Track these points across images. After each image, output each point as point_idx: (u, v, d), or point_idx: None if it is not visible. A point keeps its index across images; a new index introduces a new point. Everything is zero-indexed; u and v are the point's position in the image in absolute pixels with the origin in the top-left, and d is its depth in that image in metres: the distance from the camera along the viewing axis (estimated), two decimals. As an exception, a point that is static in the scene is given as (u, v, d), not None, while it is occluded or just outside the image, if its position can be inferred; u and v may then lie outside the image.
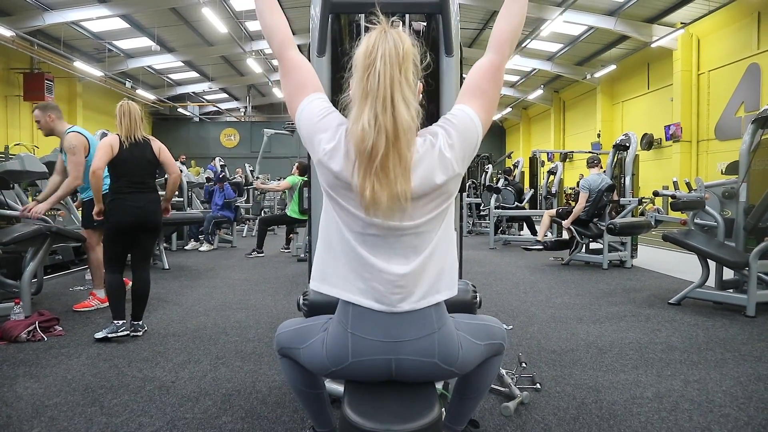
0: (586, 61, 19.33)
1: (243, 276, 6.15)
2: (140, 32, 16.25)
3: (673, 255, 7.86)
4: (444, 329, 1.38)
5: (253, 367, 2.99)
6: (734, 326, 3.91)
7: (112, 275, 3.51)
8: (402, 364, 1.36)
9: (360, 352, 1.36)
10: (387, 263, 1.32)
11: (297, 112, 1.34)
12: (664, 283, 5.74)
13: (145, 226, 3.58)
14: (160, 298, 4.80)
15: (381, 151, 1.20)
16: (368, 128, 1.20)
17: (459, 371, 1.45)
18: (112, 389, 2.63)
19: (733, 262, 4.26)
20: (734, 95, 13.96)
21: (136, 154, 3.55)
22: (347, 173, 1.25)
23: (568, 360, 3.15)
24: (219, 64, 21.24)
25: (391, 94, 1.20)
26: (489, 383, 1.62)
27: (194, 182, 9.88)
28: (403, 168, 1.22)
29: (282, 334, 1.56)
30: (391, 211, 1.23)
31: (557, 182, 10.63)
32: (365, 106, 1.21)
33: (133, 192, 3.53)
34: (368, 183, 1.21)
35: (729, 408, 2.48)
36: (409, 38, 1.26)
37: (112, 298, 3.52)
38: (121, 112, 3.55)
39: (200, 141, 26.18)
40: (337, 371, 1.41)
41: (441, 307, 1.40)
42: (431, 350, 1.36)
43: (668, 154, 16.25)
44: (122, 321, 3.50)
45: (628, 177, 6.75)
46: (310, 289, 1.76)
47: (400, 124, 1.20)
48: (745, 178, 4.62)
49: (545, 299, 4.90)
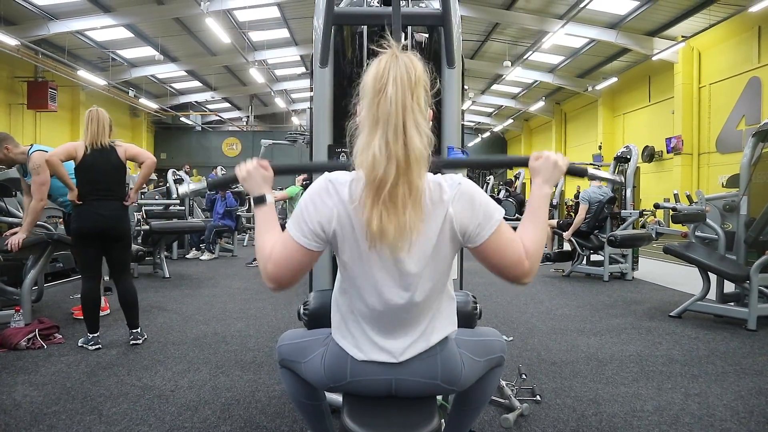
0: (587, 74, 19.40)
1: (243, 285, 6.15)
2: (144, 42, 16.35)
3: (674, 267, 7.85)
4: (446, 350, 1.36)
5: (253, 376, 2.98)
6: (735, 340, 3.90)
7: (86, 284, 3.44)
8: (402, 385, 1.34)
9: (358, 373, 1.34)
10: (388, 337, 1.31)
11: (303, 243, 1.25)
12: (665, 295, 5.73)
13: (109, 234, 3.48)
14: (161, 307, 4.80)
15: (391, 180, 1.14)
16: (379, 156, 1.14)
17: (459, 389, 1.44)
18: (111, 397, 2.63)
19: (734, 276, 4.26)
20: (735, 108, 13.99)
21: (101, 160, 3.46)
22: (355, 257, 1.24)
23: (568, 372, 3.13)
24: (222, 74, 21.34)
25: (403, 120, 1.15)
26: (489, 395, 1.61)
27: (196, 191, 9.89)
28: (413, 199, 1.16)
29: (283, 347, 1.56)
30: (396, 244, 1.17)
31: (558, 194, 10.63)
32: (376, 132, 1.16)
33: (99, 199, 3.43)
34: (375, 213, 1.15)
35: (730, 422, 2.47)
36: (420, 63, 1.20)
37: (84, 309, 3.47)
38: (89, 118, 3.51)
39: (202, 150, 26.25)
40: (335, 387, 1.40)
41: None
42: (433, 372, 1.34)
43: (669, 166, 16.26)
44: (95, 334, 3.47)
45: (629, 189, 6.76)
46: (310, 299, 1.77)
47: (412, 153, 1.15)
48: (745, 191, 4.62)
49: (546, 311, 4.89)
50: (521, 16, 14.85)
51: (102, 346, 3.49)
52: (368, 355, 1.32)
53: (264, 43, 17.84)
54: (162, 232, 6.54)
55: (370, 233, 1.17)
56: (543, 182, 1.38)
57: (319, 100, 2.39)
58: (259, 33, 17.11)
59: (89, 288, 3.44)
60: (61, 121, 17.85)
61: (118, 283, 3.61)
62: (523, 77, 20.20)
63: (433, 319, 1.34)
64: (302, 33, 17.24)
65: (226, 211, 9.09)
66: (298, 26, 16.53)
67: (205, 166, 21.38)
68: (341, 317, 1.37)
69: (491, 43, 17.72)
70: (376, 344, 1.32)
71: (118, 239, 3.55)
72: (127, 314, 3.63)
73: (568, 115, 24.18)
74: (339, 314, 1.38)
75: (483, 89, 22.99)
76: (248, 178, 1.39)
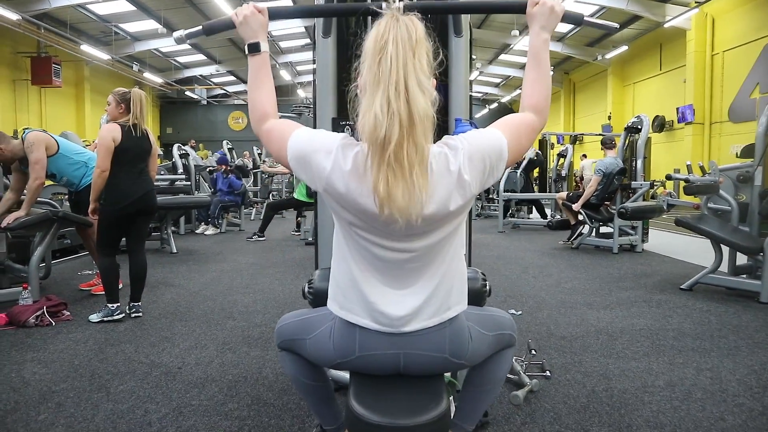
0: (597, 42, 19.00)
1: (250, 260, 6.14)
2: (147, 15, 16.11)
3: (684, 239, 7.76)
4: (454, 323, 1.35)
5: (260, 353, 2.97)
6: (747, 313, 3.85)
7: (107, 258, 3.54)
8: (410, 359, 1.33)
9: (367, 347, 1.33)
10: (391, 300, 1.29)
11: (287, 155, 1.25)
12: (676, 268, 5.67)
13: (146, 210, 3.64)
14: (168, 283, 4.80)
15: (395, 139, 1.10)
16: (381, 115, 1.10)
17: (468, 363, 1.41)
18: (119, 375, 2.63)
19: (748, 248, 4.18)
20: (749, 76, 13.66)
21: (138, 144, 3.56)
22: (355, 195, 1.18)
23: (578, 347, 3.11)
24: (226, 47, 21.07)
25: (405, 78, 1.11)
26: (502, 377, 1.57)
27: (202, 166, 9.86)
28: (420, 158, 1.12)
29: (285, 326, 1.52)
30: (406, 207, 1.13)
31: (567, 165, 10.51)
32: (377, 93, 1.12)
33: (134, 178, 3.54)
34: (382, 176, 1.12)
35: (743, 397, 2.43)
36: (421, 24, 1.17)
37: (107, 282, 3.56)
38: (136, 99, 3.54)
39: (208, 124, 26.14)
40: (343, 363, 1.38)
41: None
42: (441, 345, 1.33)
43: (680, 136, 16.02)
44: (117, 304, 3.56)
45: (640, 160, 6.63)
46: (315, 277, 1.72)
47: (415, 110, 1.11)
48: (761, 161, 4.52)
49: (554, 284, 4.85)
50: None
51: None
52: (375, 316, 1.29)
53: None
54: (168, 208, 6.52)
55: (378, 198, 1.13)
56: (541, 29, 1.38)
57: (322, 71, 2.32)
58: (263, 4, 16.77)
59: (110, 261, 3.55)
60: (65, 97, 17.77)
61: (133, 255, 3.68)
62: (532, 46, 19.79)
63: (448, 295, 1.32)
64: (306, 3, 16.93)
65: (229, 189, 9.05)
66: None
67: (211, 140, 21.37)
68: (338, 288, 1.35)
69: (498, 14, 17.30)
70: (380, 310, 1.29)
71: (150, 213, 3.75)
72: (135, 287, 3.69)
73: (577, 85, 23.80)
74: (336, 286, 1.36)
75: (490, 59, 22.59)
76: (243, 23, 1.38)
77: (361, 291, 1.30)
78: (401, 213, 1.13)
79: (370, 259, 1.28)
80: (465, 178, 1.19)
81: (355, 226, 1.25)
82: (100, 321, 3.51)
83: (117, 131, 3.45)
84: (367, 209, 1.18)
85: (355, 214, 1.22)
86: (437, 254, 1.29)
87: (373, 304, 1.29)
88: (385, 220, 1.17)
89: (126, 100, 3.53)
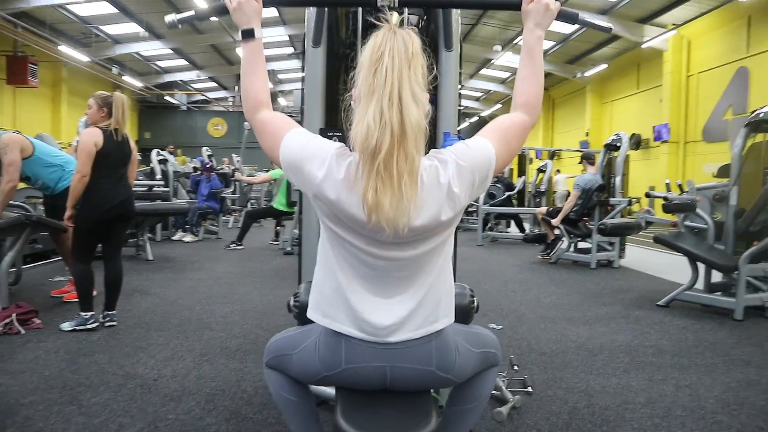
0: (576, 60, 19.34)
1: (229, 269, 6.05)
2: (128, 17, 15.90)
3: (660, 256, 7.87)
4: (441, 337, 1.34)
5: (239, 365, 2.91)
6: (723, 330, 3.90)
7: (83, 265, 3.45)
8: (397, 373, 1.30)
9: (353, 359, 1.30)
10: (377, 309, 1.27)
11: (279, 154, 1.25)
12: (652, 284, 5.74)
13: (125, 216, 3.59)
14: (144, 291, 4.70)
15: (385, 148, 1.11)
16: (373, 124, 1.12)
17: (455, 378, 1.39)
18: (92, 387, 2.54)
19: (724, 266, 4.26)
20: (722, 98, 14.04)
21: (119, 149, 3.51)
22: (345, 204, 1.18)
23: (558, 362, 3.11)
24: (208, 53, 20.92)
25: (399, 89, 1.13)
26: (486, 395, 1.55)
27: (180, 172, 9.72)
28: (410, 168, 1.13)
29: (273, 343, 1.51)
30: (393, 216, 1.13)
31: (546, 180, 10.63)
32: (371, 102, 1.14)
33: (114, 184, 3.48)
34: (371, 185, 1.12)
35: (721, 415, 2.46)
36: (418, 38, 1.20)
37: (82, 289, 3.47)
38: (119, 103, 3.49)
39: (187, 130, 25.81)
40: (329, 376, 1.35)
41: None
42: (428, 358, 1.31)
43: (656, 154, 16.34)
44: (91, 313, 3.46)
45: (619, 177, 6.74)
46: (300, 290, 1.69)
47: (407, 120, 1.12)
48: (736, 181, 4.61)
49: (534, 299, 4.87)
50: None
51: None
52: (360, 325, 1.27)
53: (251, 21, 17.47)
54: (146, 214, 6.40)
55: (367, 207, 1.14)
56: (535, 26, 1.38)
57: (311, 81, 2.30)
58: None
59: (87, 268, 3.46)
60: (41, 98, 17.39)
61: (109, 262, 3.60)
62: (513, 62, 20.05)
63: (436, 308, 1.31)
64: (291, 12, 16.91)
65: (210, 192, 8.94)
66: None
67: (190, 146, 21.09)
68: (323, 297, 1.33)
69: (482, 26, 17.56)
70: (365, 319, 1.27)
71: (129, 219, 3.69)
72: (110, 295, 3.61)
73: (556, 102, 24.18)
74: (320, 294, 1.34)
75: (472, 73, 22.83)
76: (237, 9, 1.37)
77: (346, 299, 1.28)
78: (388, 222, 1.14)
79: (357, 266, 1.27)
80: (455, 190, 1.20)
81: (344, 233, 1.24)
82: (72, 330, 3.40)
83: (99, 136, 3.38)
84: (356, 217, 1.19)
85: (345, 222, 1.22)
86: (425, 264, 1.28)
87: (358, 312, 1.27)
88: (372, 228, 1.17)
89: (108, 104, 3.47)
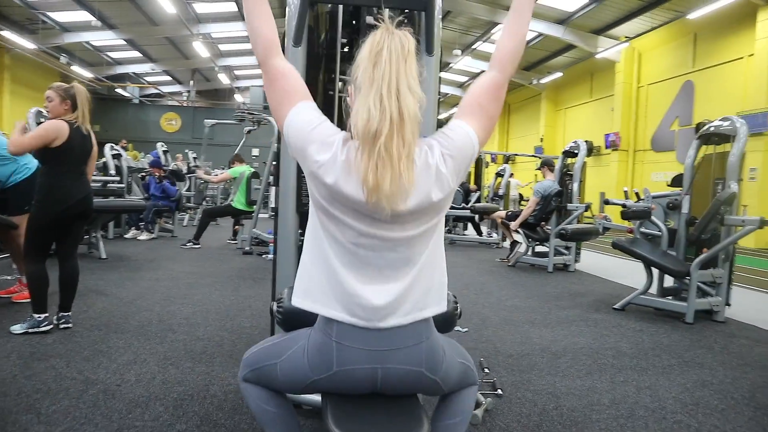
0: (533, 67, 19.81)
1: (187, 269, 5.89)
2: (79, 5, 15.27)
3: (613, 260, 8.17)
4: (431, 338, 1.36)
5: (205, 368, 2.83)
6: (676, 332, 4.07)
7: (37, 265, 3.29)
8: (388, 374, 1.31)
9: (345, 361, 1.29)
10: (373, 286, 1.29)
11: (285, 121, 1.29)
12: (606, 287, 5.94)
13: (84, 213, 3.44)
14: (99, 291, 4.52)
15: (385, 132, 1.19)
16: (373, 110, 1.19)
17: (441, 383, 1.40)
18: (50, 393, 2.42)
19: (677, 271, 4.44)
20: (670, 109, 14.69)
21: (82, 144, 3.38)
22: (343, 185, 1.22)
23: (525, 365, 3.17)
24: (163, 45, 20.33)
25: (397, 81, 1.21)
26: (470, 410, 1.54)
27: (134, 167, 9.39)
28: (407, 151, 1.20)
29: (251, 355, 1.48)
30: (392, 195, 1.19)
31: (504, 184, 10.85)
32: (371, 91, 1.21)
33: (75, 180, 3.35)
34: (371, 166, 1.19)
35: (680, 414, 2.56)
36: (413, 39, 1.27)
37: (36, 290, 3.30)
38: (83, 96, 3.35)
39: (139, 124, 24.96)
40: (319, 380, 1.33)
41: (429, 320, 1.37)
42: (419, 359, 1.32)
43: (606, 161, 16.91)
44: (45, 314, 3.30)
45: (576, 183, 6.94)
46: (284, 296, 1.66)
47: (405, 109, 1.20)
48: (688, 190, 4.83)
49: (496, 302, 4.95)
50: (473, 5, 14.91)
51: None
52: (352, 307, 1.28)
53: (210, 15, 17.11)
54: (100, 211, 6.15)
55: (367, 188, 1.19)
56: None
57: (289, 81, 2.26)
58: (204, 4, 16.37)
59: (41, 267, 3.30)
60: (-20, 85, 16.52)
61: (65, 260, 3.44)
62: (471, 66, 20.40)
63: (426, 294, 1.33)
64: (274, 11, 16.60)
65: (164, 194, 8.68)
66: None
67: (143, 141, 20.46)
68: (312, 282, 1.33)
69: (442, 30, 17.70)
70: (357, 294, 1.28)
71: (87, 217, 3.53)
72: (65, 294, 3.45)
73: (512, 107, 24.68)
74: (309, 281, 1.33)
75: (431, 77, 23.02)
76: None
77: (339, 281, 1.29)
78: (388, 200, 1.20)
79: (349, 248, 1.29)
80: (442, 171, 1.26)
81: (339, 213, 1.27)
82: (24, 332, 3.22)
83: (65, 130, 3.22)
84: (354, 197, 1.23)
85: (342, 201, 1.25)
86: (416, 246, 1.31)
87: (352, 295, 1.28)
88: (371, 207, 1.22)
89: (71, 96, 3.31)
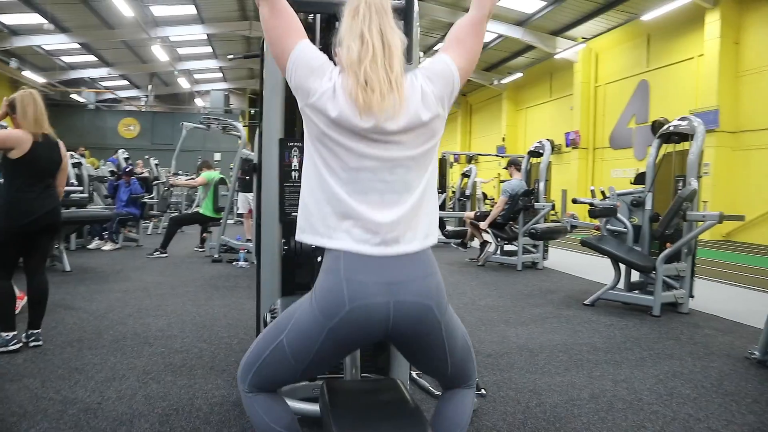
0: (494, 68, 20.15)
1: (156, 279, 5.77)
2: (29, 7, 14.74)
3: (578, 257, 8.39)
4: (439, 275, 1.39)
5: (187, 381, 2.79)
6: (644, 326, 4.22)
7: (3, 281, 3.17)
8: (400, 309, 1.30)
9: (357, 296, 1.28)
10: (376, 210, 1.32)
11: (290, 54, 1.34)
12: (575, 284, 6.09)
13: (51, 227, 3.33)
14: (67, 305, 4.38)
15: (369, 57, 1.28)
16: (354, 45, 1.29)
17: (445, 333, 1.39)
18: (27, 416, 2.34)
19: (644, 266, 4.60)
20: (627, 108, 15.17)
21: (47, 154, 3.25)
22: (342, 108, 1.29)
23: (504, 363, 3.23)
24: (120, 49, 19.82)
25: (379, 21, 1.31)
26: (467, 421, 1.55)
27: (94, 176, 9.13)
28: (395, 75, 1.29)
29: (248, 359, 1.46)
30: (384, 106, 1.27)
31: (471, 184, 10.99)
32: (354, 32, 1.30)
33: (38, 193, 3.22)
34: (359, 84, 1.27)
35: (656, 405, 2.66)
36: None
37: (2, 308, 3.18)
38: (24, 103, 3.17)
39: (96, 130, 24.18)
40: (333, 328, 1.29)
41: (433, 255, 1.42)
42: (428, 291, 1.34)
43: (567, 159, 17.34)
44: (13, 332, 3.19)
45: (542, 182, 7.09)
46: (278, 305, 1.66)
47: (386, 42, 1.30)
48: (651, 188, 5.01)
49: (470, 301, 5.02)
50: (434, 7, 15.07)
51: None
52: (359, 231, 1.31)
53: (168, 18, 16.77)
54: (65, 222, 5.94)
55: (358, 105, 1.27)
56: None
57: (270, 89, 2.25)
58: (162, 8, 16.03)
59: (7, 284, 3.19)
60: (-75, 93, 15.75)
61: (34, 275, 3.33)
62: (434, 68, 20.55)
63: (429, 219, 1.40)
64: (210, 10, 16.40)
65: (130, 198, 8.47)
66: (206, 3, 15.68)
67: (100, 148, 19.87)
68: (315, 217, 1.35)
69: (404, 33, 17.83)
70: (363, 215, 1.31)
71: (55, 231, 3.42)
72: (34, 312, 3.33)
73: (474, 107, 25.03)
74: (309, 215, 1.37)
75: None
76: None
77: (343, 210, 1.32)
78: (380, 112, 1.27)
79: (352, 175, 1.32)
80: (427, 91, 1.35)
81: (337, 135, 1.31)
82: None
83: (26, 141, 3.11)
84: (351, 120, 1.29)
85: (341, 126, 1.30)
86: (413, 170, 1.36)
87: (356, 220, 1.31)
88: (366, 127, 1.29)
89: (13, 106, 3.18)
